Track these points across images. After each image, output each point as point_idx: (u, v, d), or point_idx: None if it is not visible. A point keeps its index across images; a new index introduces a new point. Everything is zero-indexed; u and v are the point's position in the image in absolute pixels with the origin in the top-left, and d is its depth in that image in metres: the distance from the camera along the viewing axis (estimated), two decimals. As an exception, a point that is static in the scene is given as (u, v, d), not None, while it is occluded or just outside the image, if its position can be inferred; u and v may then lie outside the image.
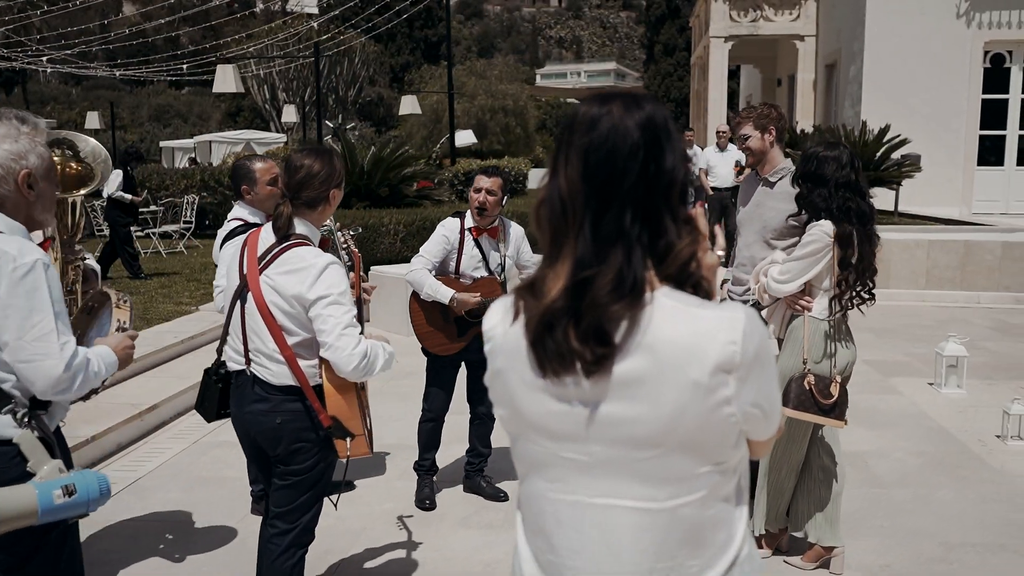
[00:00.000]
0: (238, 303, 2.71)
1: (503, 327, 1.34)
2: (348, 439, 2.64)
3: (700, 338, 1.22)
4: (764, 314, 3.68)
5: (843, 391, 3.44)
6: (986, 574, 3.65)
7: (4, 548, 2.16)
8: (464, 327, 4.22)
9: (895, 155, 11.81)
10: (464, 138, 19.27)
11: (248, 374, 2.72)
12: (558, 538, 1.33)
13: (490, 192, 4.13)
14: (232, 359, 2.79)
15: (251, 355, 2.69)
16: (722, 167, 11.57)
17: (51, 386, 2.08)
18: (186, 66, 27.93)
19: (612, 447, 1.26)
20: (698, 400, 1.22)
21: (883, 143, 11.70)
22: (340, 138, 12.15)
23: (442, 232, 4.24)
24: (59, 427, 2.29)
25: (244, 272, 2.67)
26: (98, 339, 2.40)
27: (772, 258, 3.62)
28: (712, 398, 1.22)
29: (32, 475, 2.06)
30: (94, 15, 39.02)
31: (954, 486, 4.59)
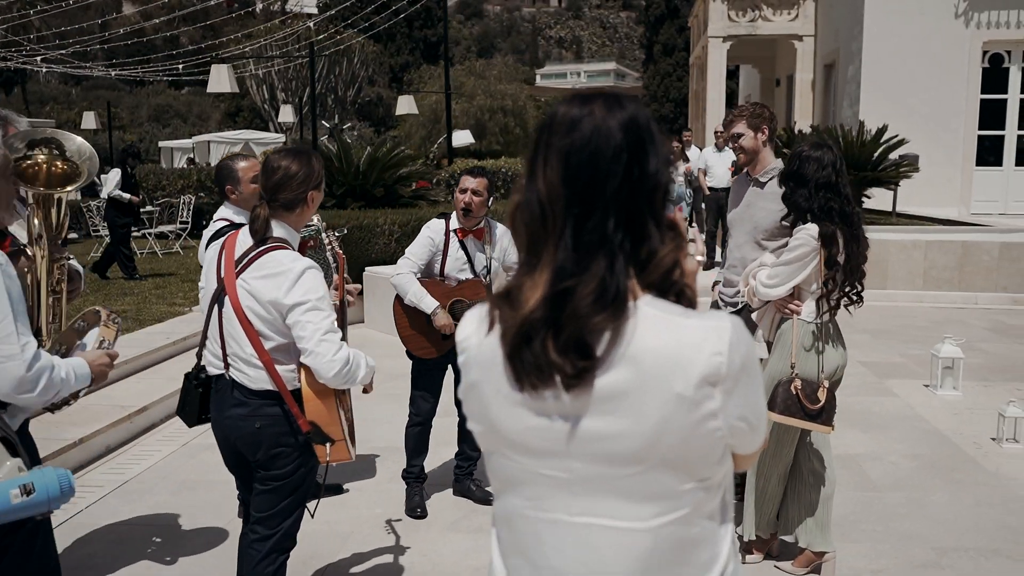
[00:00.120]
0: (216, 307, 2.67)
1: (478, 337, 1.28)
2: (328, 444, 2.60)
3: (685, 348, 1.17)
4: (754, 317, 3.65)
5: (831, 396, 3.40)
6: (979, 579, 3.61)
7: None
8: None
9: (893, 155, 11.76)
10: (462, 138, 19.25)
11: (227, 378, 2.68)
12: (538, 558, 1.28)
13: (476, 193, 4.06)
14: (211, 363, 2.76)
15: (229, 359, 2.66)
16: (719, 167, 11.54)
17: (14, 387, 2.08)
18: (182, 66, 27.87)
19: (593, 463, 1.21)
20: (682, 414, 1.18)
21: (880, 143, 11.65)
22: (335, 138, 12.11)
23: (427, 234, 4.18)
24: (26, 426, 2.26)
25: (221, 276, 2.63)
26: (78, 352, 2.38)
27: (761, 261, 3.58)
28: (697, 412, 1.18)
29: None
30: (93, 15, 38.99)
31: (948, 489, 4.55)
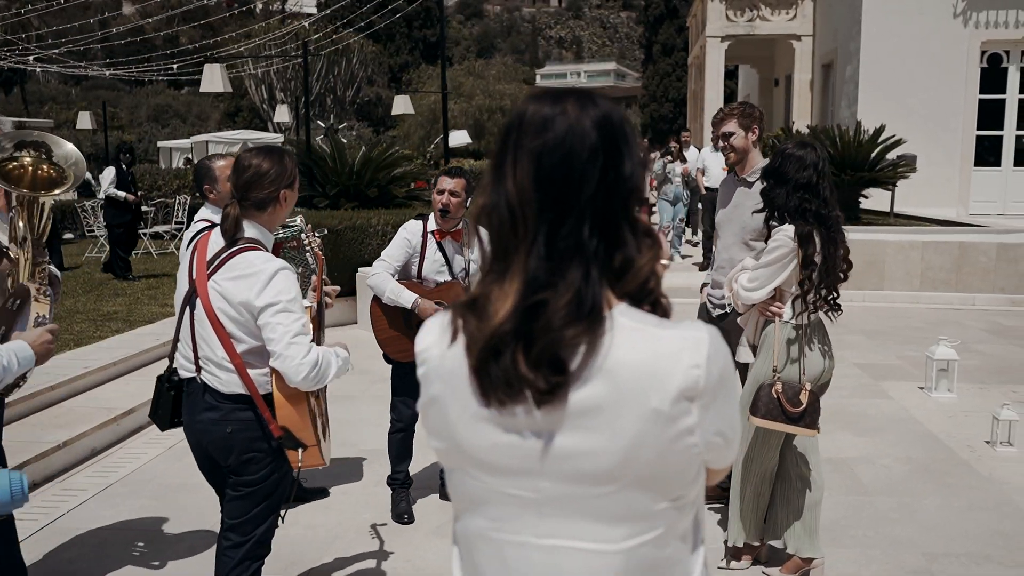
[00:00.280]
0: (187, 309, 2.62)
1: (439, 349, 1.20)
2: (300, 450, 2.55)
3: (662, 360, 1.12)
4: (740, 321, 3.60)
5: (813, 399, 3.34)
6: (969, 586, 3.56)
7: None
8: None
9: (891, 155, 11.72)
10: (458, 138, 19.22)
11: (199, 382, 2.63)
12: None
13: (453, 194, 3.98)
14: (183, 366, 2.71)
15: (201, 362, 2.60)
16: (717, 167, 11.51)
17: None
18: (176, 65, 27.81)
19: (564, 482, 1.15)
20: (658, 430, 1.12)
21: (878, 143, 11.61)
22: (330, 138, 12.06)
23: (404, 235, 4.10)
24: None
25: (193, 277, 2.58)
26: (16, 333, 2.32)
27: (743, 264, 3.52)
28: (673, 428, 1.12)
29: None
30: (92, 14, 38.96)
31: (940, 494, 4.49)
